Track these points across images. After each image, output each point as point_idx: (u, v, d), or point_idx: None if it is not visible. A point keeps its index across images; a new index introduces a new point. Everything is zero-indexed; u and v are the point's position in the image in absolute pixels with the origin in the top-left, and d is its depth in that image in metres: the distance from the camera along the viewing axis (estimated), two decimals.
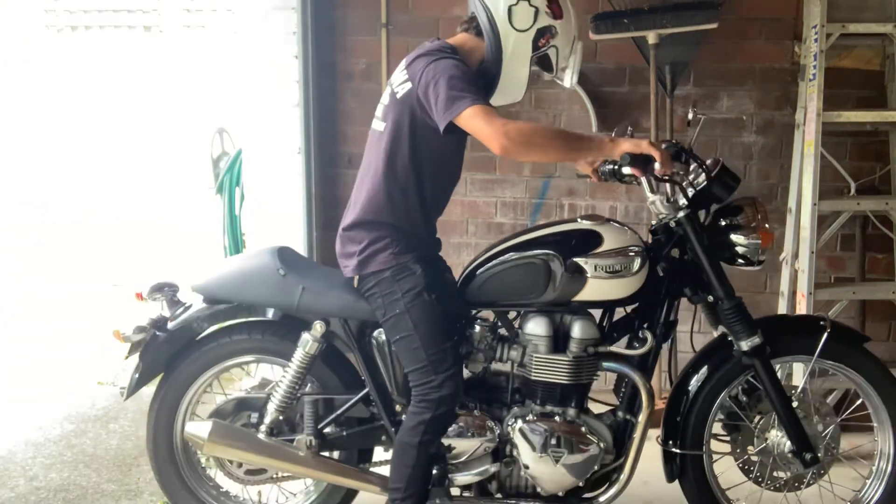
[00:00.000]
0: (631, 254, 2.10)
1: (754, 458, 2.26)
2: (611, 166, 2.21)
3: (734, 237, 2.15)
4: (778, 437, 2.22)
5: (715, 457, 2.31)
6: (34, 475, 2.91)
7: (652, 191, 2.12)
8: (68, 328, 5.00)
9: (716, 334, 2.27)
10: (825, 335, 2.19)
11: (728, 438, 2.32)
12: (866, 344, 2.33)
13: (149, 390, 3.61)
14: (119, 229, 6.54)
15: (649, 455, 2.98)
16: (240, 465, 2.28)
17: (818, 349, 2.18)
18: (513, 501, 2.22)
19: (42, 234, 6.58)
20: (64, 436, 3.27)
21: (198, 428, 2.18)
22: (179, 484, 2.35)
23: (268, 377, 2.44)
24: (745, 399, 2.29)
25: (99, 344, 4.56)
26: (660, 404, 3.31)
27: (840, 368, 2.28)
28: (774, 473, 2.25)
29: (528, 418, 2.15)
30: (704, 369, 2.24)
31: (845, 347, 2.28)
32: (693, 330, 2.27)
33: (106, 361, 4.24)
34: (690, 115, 2.17)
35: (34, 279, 6.22)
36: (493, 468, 2.19)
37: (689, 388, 2.24)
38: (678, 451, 2.22)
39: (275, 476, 2.31)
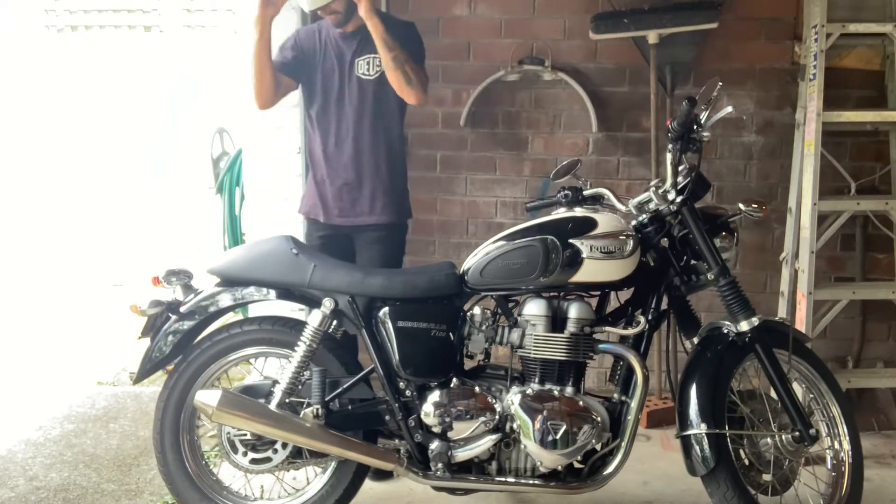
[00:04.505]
0: (623, 237, 2.19)
1: (746, 462, 2.26)
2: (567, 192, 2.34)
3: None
4: (776, 431, 2.24)
5: None
6: (34, 475, 2.91)
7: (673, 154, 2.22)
8: (68, 328, 5.00)
9: (689, 346, 2.32)
10: (790, 333, 2.27)
11: None
12: None
13: (150, 390, 3.65)
14: (119, 229, 6.54)
15: (649, 455, 3.00)
16: (245, 452, 2.30)
17: (790, 345, 2.25)
18: (512, 480, 2.26)
19: (40, 233, 6.58)
20: (64, 436, 3.27)
21: (207, 396, 2.20)
22: (184, 475, 2.36)
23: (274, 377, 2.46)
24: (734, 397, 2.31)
25: (99, 344, 4.57)
26: (660, 404, 3.33)
27: (802, 366, 2.35)
28: (763, 478, 2.25)
29: (527, 392, 2.21)
30: (709, 355, 2.27)
31: (804, 347, 2.37)
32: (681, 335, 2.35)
33: (106, 361, 4.26)
34: (719, 85, 2.17)
35: (34, 279, 6.22)
36: (492, 445, 2.23)
37: (698, 374, 2.24)
38: (702, 431, 2.16)
39: (279, 464, 2.31)
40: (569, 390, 2.23)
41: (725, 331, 2.26)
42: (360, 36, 2.70)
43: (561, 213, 2.31)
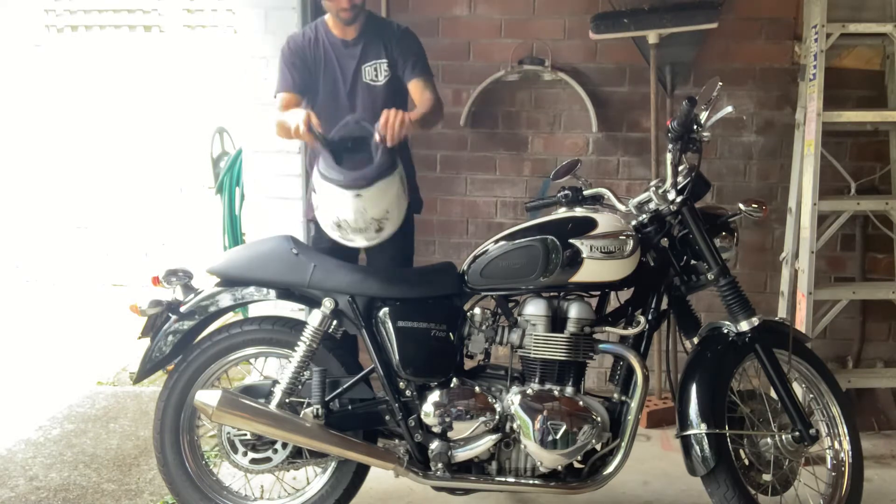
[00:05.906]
0: (623, 237, 2.19)
1: (746, 462, 2.26)
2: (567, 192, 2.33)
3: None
4: (776, 431, 2.24)
5: None
6: (34, 475, 2.91)
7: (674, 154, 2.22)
8: (68, 328, 5.00)
9: (689, 346, 2.32)
10: (790, 332, 2.28)
11: None
12: None
13: (150, 390, 3.65)
14: (119, 229, 6.54)
15: (649, 455, 3.00)
16: (245, 452, 2.30)
17: (790, 345, 2.26)
18: (512, 480, 2.26)
19: (40, 233, 6.58)
20: (64, 436, 3.27)
21: (207, 396, 2.20)
22: (184, 475, 2.37)
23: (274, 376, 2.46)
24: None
25: (99, 344, 4.57)
26: (660, 404, 3.34)
27: (802, 366, 2.36)
28: (763, 478, 2.24)
29: (527, 392, 2.21)
30: (709, 355, 2.27)
31: (805, 347, 2.37)
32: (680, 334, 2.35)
33: (106, 361, 4.26)
34: (720, 85, 2.16)
35: (34, 278, 6.22)
36: (492, 445, 2.23)
37: (698, 374, 2.24)
38: (702, 431, 2.15)
39: (279, 464, 2.32)
40: (569, 390, 2.24)
41: (725, 331, 2.27)
42: (363, 42, 2.69)
43: (561, 213, 2.31)
